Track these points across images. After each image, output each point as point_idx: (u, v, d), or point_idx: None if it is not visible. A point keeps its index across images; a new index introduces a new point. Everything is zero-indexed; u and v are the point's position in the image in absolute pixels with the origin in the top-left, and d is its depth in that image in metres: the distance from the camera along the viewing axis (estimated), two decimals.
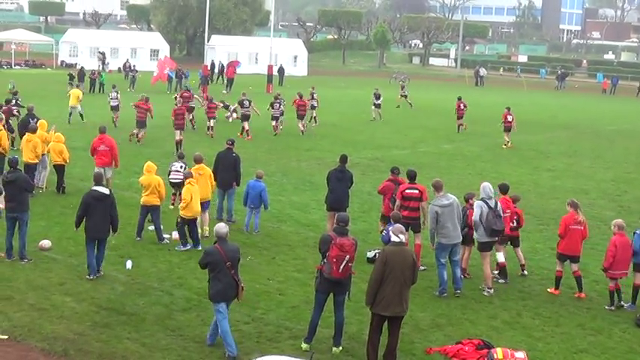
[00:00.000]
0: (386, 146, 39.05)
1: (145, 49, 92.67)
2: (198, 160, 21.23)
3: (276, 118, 41.96)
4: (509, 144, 41.16)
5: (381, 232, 19.69)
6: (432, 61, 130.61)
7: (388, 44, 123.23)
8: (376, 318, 13.17)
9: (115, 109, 42.30)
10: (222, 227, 13.58)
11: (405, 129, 46.10)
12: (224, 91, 64.60)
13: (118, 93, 43.13)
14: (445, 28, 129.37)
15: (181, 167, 22.47)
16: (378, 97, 50.38)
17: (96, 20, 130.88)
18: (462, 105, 46.51)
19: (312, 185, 28.03)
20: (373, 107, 50.42)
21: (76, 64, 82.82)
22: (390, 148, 38.34)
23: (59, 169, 24.91)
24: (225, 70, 73.52)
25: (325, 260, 13.41)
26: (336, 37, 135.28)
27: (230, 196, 22.26)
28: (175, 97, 42.31)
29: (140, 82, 65.10)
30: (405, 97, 59.04)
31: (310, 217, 23.29)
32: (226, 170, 22.12)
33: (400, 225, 13.97)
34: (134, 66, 71.91)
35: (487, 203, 17.25)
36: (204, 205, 20.65)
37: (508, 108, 42.31)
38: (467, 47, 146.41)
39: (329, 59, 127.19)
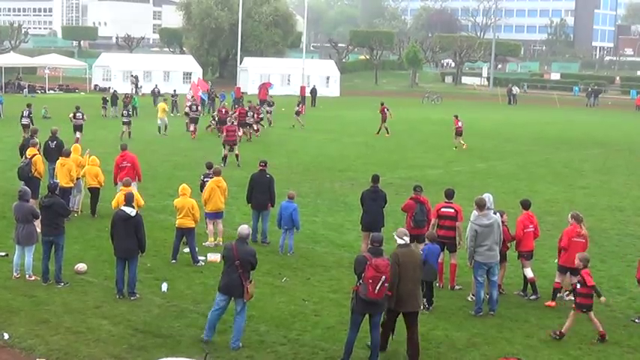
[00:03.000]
0: (419, 166, 38.98)
1: (178, 72, 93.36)
2: (217, 173, 21.87)
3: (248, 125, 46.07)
4: (463, 145, 45.50)
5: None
6: (465, 80, 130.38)
7: (420, 64, 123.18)
8: (392, 314, 14.17)
9: (127, 124, 45.68)
10: (244, 229, 14.73)
11: (438, 148, 45.99)
12: None
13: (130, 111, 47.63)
14: (477, 46, 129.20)
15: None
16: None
17: (128, 44, 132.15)
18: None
19: (345, 206, 28.01)
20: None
21: (109, 87, 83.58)
22: (423, 168, 38.26)
23: (94, 192, 25.12)
24: (258, 92, 73.72)
25: (361, 281, 13.42)
26: (368, 57, 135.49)
27: (265, 218, 22.32)
28: (213, 118, 47.50)
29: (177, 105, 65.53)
30: None
31: (345, 238, 23.27)
32: (260, 191, 22.22)
33: (403, 229, 14.79)
34: (175, 91, 71.84)
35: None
36: (218, 215, 21.63)
37: (456, 116, 46.77)
38: (499, 66, 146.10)
39: (361, 79, 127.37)
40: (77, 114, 43.53)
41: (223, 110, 47.94)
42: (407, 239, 14.27)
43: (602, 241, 24.18)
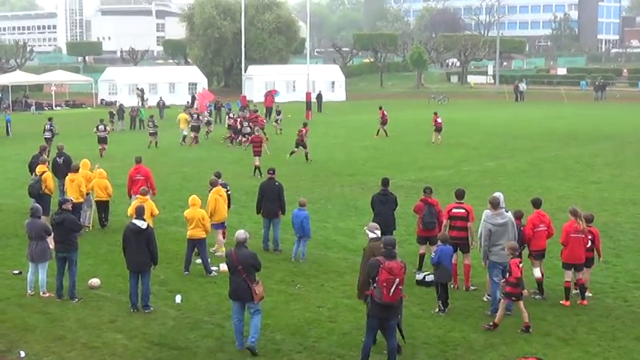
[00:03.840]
0: (429, 167, 38.91)
1: (183, 84, 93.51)
2: (213, 184, 21.92)
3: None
4: (440, 140, 48.05)
5: (421, 255, 19.69)
6: (470, 78, 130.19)
7: (425, 64, 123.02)
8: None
9: (153, 135, 47.78)
10: (241, 234, 14.97)
11: (448, 149, 45.91)
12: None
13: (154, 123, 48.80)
14: (482, 45, 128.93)
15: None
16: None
17: (133, 57, 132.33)
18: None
19: (356, 210, 27.98)
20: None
21: (115, 101, 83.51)
22: (433, 169, 38.19)
23: (103, 205, 25.17)
24: (264, 100, 73.73)
25: (375, 285, 13.38)
26: (372, 60, 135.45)
27: (275, 226, 22.29)
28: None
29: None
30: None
31: (357, 243, 23.21)
32: (270, 200, 22.22)
33: (374, 223, 15.38)
34: (188, 102, 71.67)
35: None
36: (220, 225, 21.57)
37: (435, 113, 49.35)
38: (505, 63, 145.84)
39: (366, 83, 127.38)
40: (100, 126, 44.61)
41: (238, 120, 49.44)
42: (378, 232, 14.86)
43: (618, 235, 24.08)
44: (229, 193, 23.15)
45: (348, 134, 54.41)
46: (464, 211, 18.52)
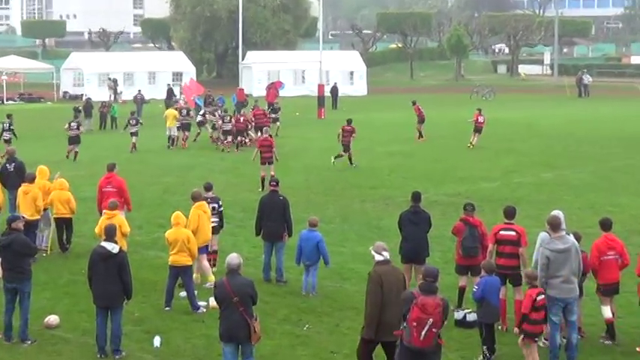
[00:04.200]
0: (470, 178, 38.79)
1: (166, 73, 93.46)
2: (196, 198, 21.82)
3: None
4: (471, 145, 48.87)
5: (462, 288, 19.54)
6: (522, 68, 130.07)
7: (466, 51, 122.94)
8: (371, 345, 14.64)
9: (135, 135, 48.24)
10: (233, 258, 14.87)
11: (494, 155, 45.80)
12: None
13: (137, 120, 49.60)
14: (536, 27, 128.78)
15: (213, 208, 22.57)
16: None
17: (104, 41, 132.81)
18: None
19: (380, 232, 27.83)
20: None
21: (82, 95, 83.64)
22: (475, 181, 38.08)
23: (65, 223, 25.07)
24: (266, 94, 73.55)
25: (405, 324, 13.28)
26: (400, 45, 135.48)
27: (279, 251, 22.22)
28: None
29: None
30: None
31: None
32: (273, 218, 22.14)
33: (381, 243, 15.40)
34: (176, 98, 71.92)
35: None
36: (202, 249, 21.34)
37: (479, 110, 49.98)
38: (565, 49, 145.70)
39: (393, 73, 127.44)
40: (72, 123, 45.37)
41: (241, 119, 49.85)
42: (386, 254, 14.94)
43: None
44: (221, 210, 23.07)
45: (370, 137, 54.25)
46: (514, 233, 18.39)
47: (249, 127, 49.06)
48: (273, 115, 55.57)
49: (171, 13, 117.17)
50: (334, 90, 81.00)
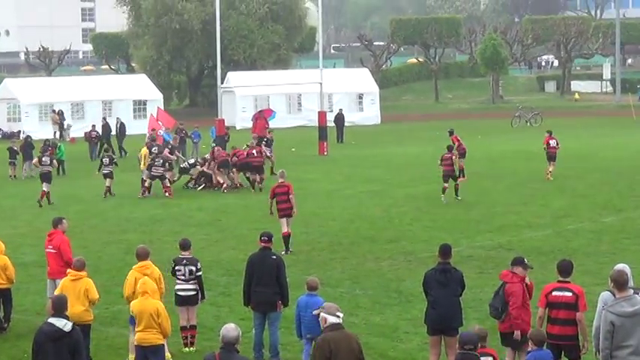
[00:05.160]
0: (513, 226, 38.80)
1: (126, 102, 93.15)
2: (140, 256, 22.28)
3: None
4: (550, 174, 50.52)
5: None
6: (576, 86, 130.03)
7: (504, 65, 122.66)
8: None
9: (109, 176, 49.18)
10: (230, 330, 14.74)
11: (542, 196, 45.86)
12: None
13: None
14: (592, 32, 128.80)
15: (190, 272, 22.78)
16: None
17: (46, 62, 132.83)
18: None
19: (400, 296, 27.94)
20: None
21: (18, 132, 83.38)
22: (520, 229, 38.09)
23: (3, 295, 25.08)
24: (252, 126, 73.41)
25: None
26: (421, 60, 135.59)
27: (273, 323, 22.26)
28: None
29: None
30: None
31: (402, 347, 23.20)
32: (264, 283, 22.16)
33: (333, 303, 15.55)
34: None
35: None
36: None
37: (549, 132, 52.18)
38: (629, 61, 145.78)
39: (413, 95, 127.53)
40: (43, 158, 47.19)
41: (215, 150, 51.69)
42: (340, 315, 15.08)
43: None
44: (200, 274, 23.14)
45: (385, 177, 54.42)
46: (571, 294, 18.45)
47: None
48: (266, 149, 55.92)
49: (131, 26, 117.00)
50: (339, 118, 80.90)
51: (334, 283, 29.03)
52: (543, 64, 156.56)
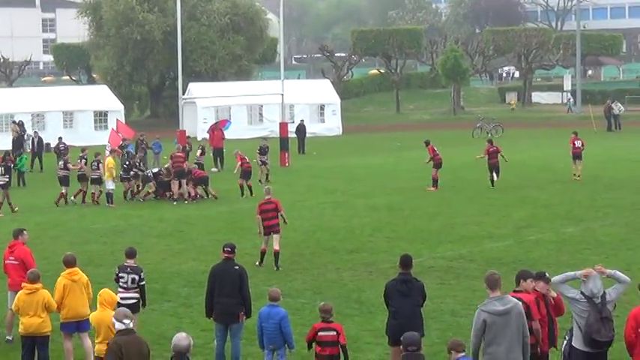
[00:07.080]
0: (474, 236, 38.92)
1: (86, 113, 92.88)
2: (68, 263, 22.43)
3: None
4: (579, 176, 53.76)
5: None
6: (537, 97, 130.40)
7: (465, 76, 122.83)
8: None
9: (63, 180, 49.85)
10: (181, 339, 14.98)
11: (503, 207, 45.99)
12: (214, 169, 64.78)
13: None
14: (553, 44, 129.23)
15: (132, 280, 22.82)
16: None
17: (6, 73, 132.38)
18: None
19: (361, 307, 27.96)
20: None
21: None
22: (481, 239, 38.21)
23: None
24: (209, 138, 73.33)
25: None
26: (382, 71, 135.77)
27: (235, 334, 22.25)
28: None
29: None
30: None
31: (364, 358, 23.20)
32: (226, 293, 22.18)
33: (125, 309, 16.88)
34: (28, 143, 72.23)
35: (591, 301, 17.67)
36: (82, 325, 21.81)
37: (575, 133, 55.55)
38: (589, 72, 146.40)
39: (374, 106, 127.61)
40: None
41: (176, 155, 52.39)
42: (128, 322, 15.82)
43: None
44: (143, 283, 23.15)
45: (347, 188, 54.44)
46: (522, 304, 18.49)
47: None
48: (263, 158, 56.16)
49: (91, 37, 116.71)
50: (301, 129, 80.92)
51: (295, 293, 29.04)
52: (504, 75, 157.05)
